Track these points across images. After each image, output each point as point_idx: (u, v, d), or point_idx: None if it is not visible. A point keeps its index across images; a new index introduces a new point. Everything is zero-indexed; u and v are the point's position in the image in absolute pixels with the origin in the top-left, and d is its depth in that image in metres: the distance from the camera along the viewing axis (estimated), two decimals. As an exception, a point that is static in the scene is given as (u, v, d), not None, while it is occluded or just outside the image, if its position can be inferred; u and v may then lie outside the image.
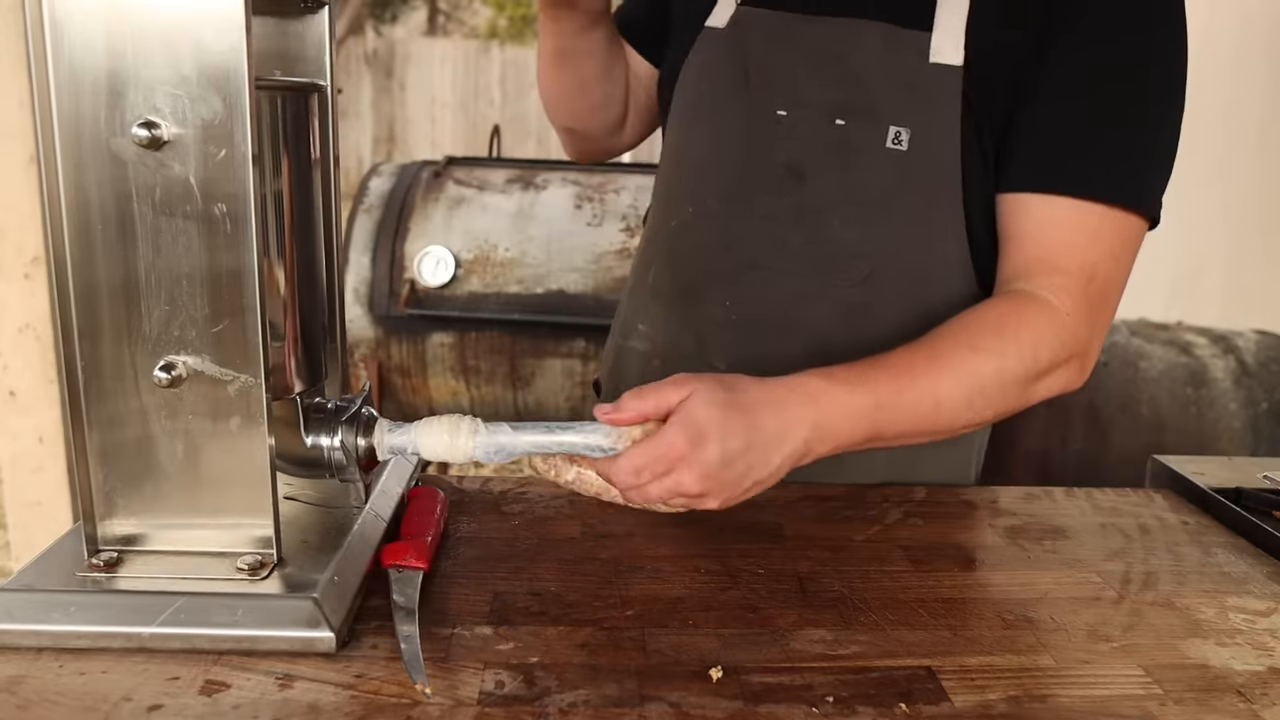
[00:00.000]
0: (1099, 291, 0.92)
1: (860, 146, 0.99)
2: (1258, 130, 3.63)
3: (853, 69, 0.99)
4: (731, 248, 1.06)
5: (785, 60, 1.02)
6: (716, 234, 1.07)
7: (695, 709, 0.65)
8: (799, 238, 1.03)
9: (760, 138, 1.03)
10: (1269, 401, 2.56)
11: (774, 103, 1.02)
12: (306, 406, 0.80)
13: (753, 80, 1.03)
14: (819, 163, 1.01)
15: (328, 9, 0.80)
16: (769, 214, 1.04)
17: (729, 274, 1.06)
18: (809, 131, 1.01)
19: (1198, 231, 3.70)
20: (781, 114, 1.02)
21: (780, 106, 1.02)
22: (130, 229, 0.68)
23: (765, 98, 1.03)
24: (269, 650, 0.69)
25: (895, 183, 0.98)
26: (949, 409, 0.86)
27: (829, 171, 1.01)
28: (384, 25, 11.61)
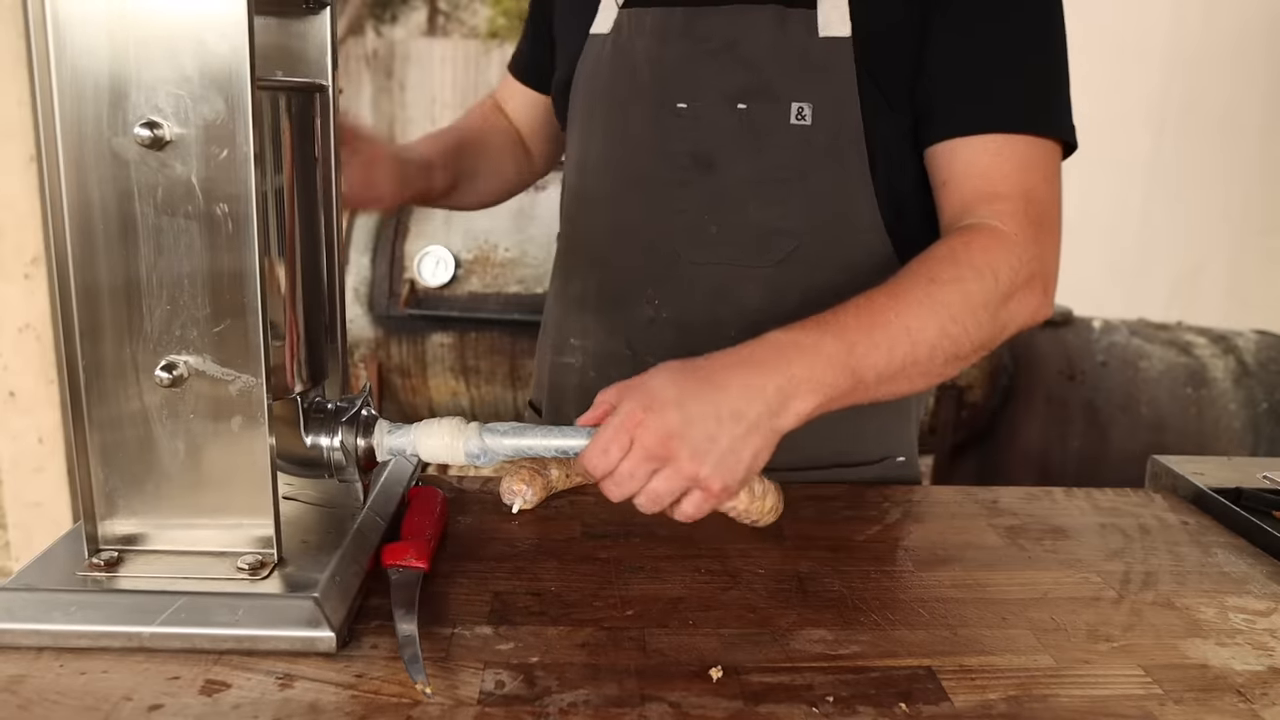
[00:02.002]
0: (1039, 212, 0.93)
1: (765, 127, 1.01)
2: (1258, 131, 3.63)
3: (747, 53, 1.01)
4: (650, 247, 1.07)
5: (677, 54, 1.03)
6: (632, 235, 1.08)
7: (695, 709, 0.65)
8: (715, 225, 1.04)
9: (662, 133, 1.04)
10: (1269, 401, 2.56)
11: (672, 97, 1.03)
12: (307, 407, 0.80)
13: (647, 78, 1.04)
14: (726, 149, 1.03)
15: (329, 9, 0.80)
16: (682, 207, 1.05)
17: (652, 273, 1.07)
18: (712, 120, 1.02)
19: (1198, 231, 3.70)
20: (681, 107, 1.03)
21: (679, 100, 1.03)
22: (132, 229, 0.68)
23: (662, 93, 1.04)
24: (269, 650, 0.69)
25: (804, 157, 1.01)
26: (924, 341, 0.84)
27: (737, 156, 1.02)
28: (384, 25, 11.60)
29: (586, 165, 1.11)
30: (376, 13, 11.00)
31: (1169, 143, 3.62)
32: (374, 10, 10.59)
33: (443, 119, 9.91)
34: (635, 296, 1.08)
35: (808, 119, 0.99)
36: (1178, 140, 3.62)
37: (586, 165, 1.11)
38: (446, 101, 9.92)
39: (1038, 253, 0.92)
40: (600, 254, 1.11)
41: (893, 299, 0.85)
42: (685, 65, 1.03)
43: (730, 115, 1.01)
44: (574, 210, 1.15)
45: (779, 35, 0.99)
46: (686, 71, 1.03)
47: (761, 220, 1.03)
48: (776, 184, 1.02)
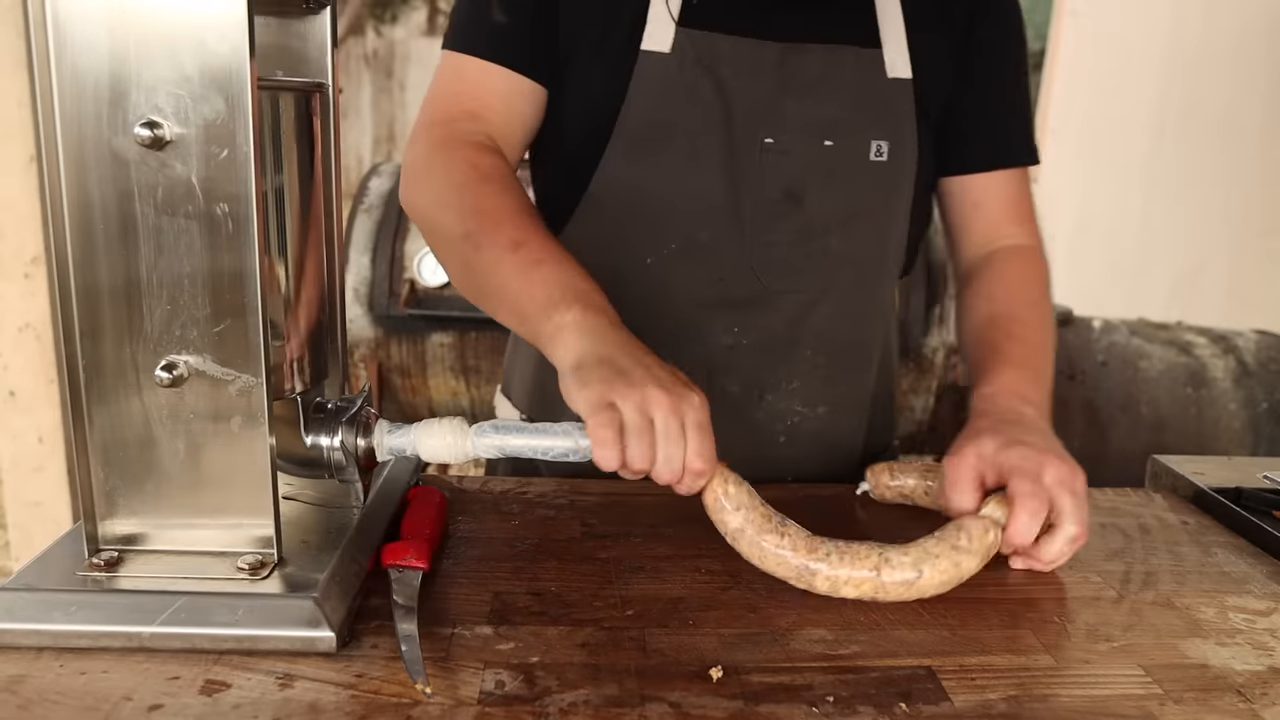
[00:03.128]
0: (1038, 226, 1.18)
1: (848, 163, 1.06)
2: (1258, 132, 3.63)
3: (834, 91, 1.05)
4: (730, 277, 1.07)
5: (765, 88, 1.03)
6: (710, 266, 1.07)
7: (695, 709, 0.65)
8: (800, 257, 1.07)
9: (750, 167, 1.04)
10: (1269, 401, 2.56)
11: (759, 130, 1.04)
12: (307, 406, 0.80)
13: (734, 112, 1.03)
14: (815, 184, 1.06)
15: (329, 9, 0.80)
16: (769, 240, 1.06)
17: (732, 302, 1.08)
18: (802, 155, 1.05)
19: (1198, 231, 3.70)
20: (769, 141, 1.04)
21: (766, 134, 1.04)
22: (132, 229, 0.68)
23: (750, 127, 1.03)
24: (269, 650, 0.69)
25: (878, 191, 1.08)
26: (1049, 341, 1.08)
27: (824, 190, 1.06)
28: (384, 25, 11.61)
29: (640, 194, 1.05)
30: (376, 13, 10.99)
31: (1169, 144, 3.62)
32: (374, 10, 10.59)
33: (443, 119, 9.90)
34: (714, 324, 1.09)
35: (884, 156, 1.07)
36: (1177, 141, 3.62)
37: (640, 194, 1.05)
38: (446, 101, 9.91)
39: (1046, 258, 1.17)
40: (662, 285, 1.07)
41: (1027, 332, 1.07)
42: (773, 98, 1.03)
43: (818, 151, 1.05)
44: (618, 236, 1.08)
45: (858, 75, 1.05)
46: (775, 105, 1.04)
47: (842, 250, 1.09)
48: (855, 216, 1.08)
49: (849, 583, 0.79)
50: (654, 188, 1.05)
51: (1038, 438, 0.90)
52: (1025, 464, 0.86)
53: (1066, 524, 0.84)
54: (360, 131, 9.71)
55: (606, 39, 1.03)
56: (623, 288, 1.05)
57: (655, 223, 1.07)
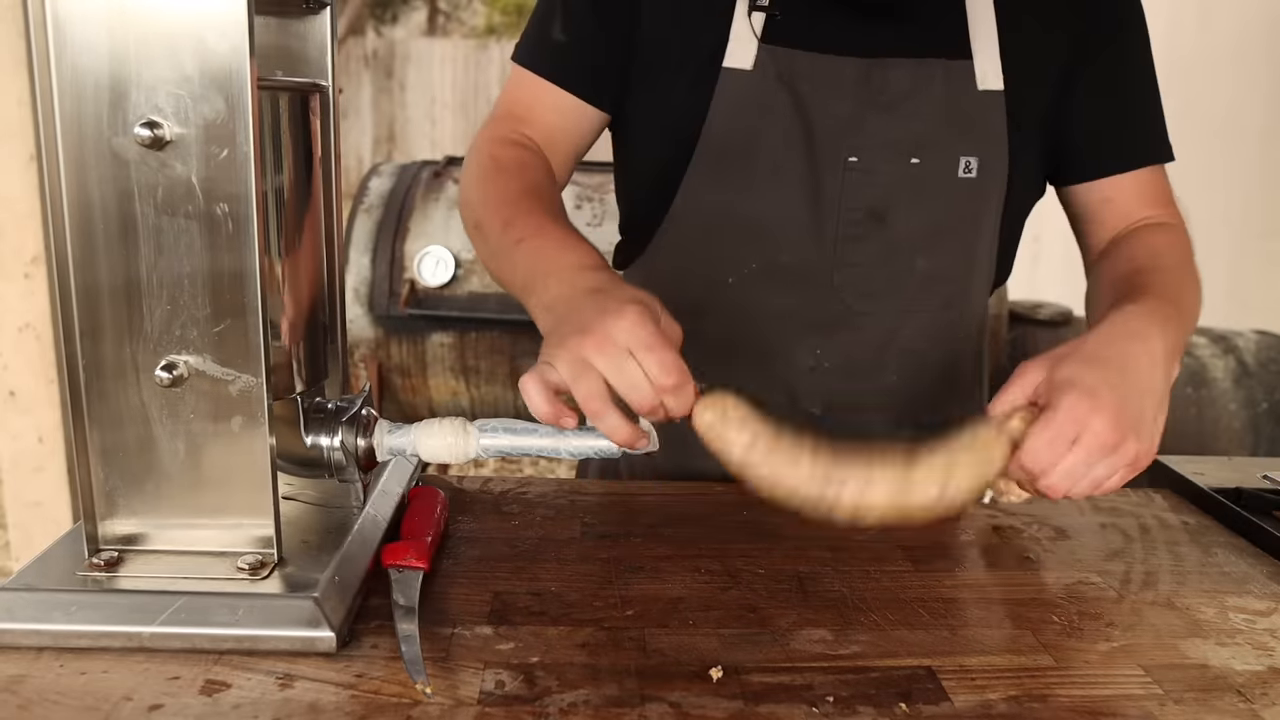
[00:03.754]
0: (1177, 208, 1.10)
1: (936, 180, 1.03)
2: (1258, 132, 3.63)
3: (920, 107, 1.01)
4: (813, 300, 1.05)
5: (847, 105, 1.01)
6: (794, 287, 1.05)
7: (695, 709, 0.65)
8: (884, 276, 1.05)
9: (833, 186, 1.02)
10: (1269, 401, 2.56)
11: (842, 149, 1.01)
12: (306, 406, 0.80)
13: (815, 129, 1.01)
14: (900, 202, 1.03)
15: (329, 9, 0.80)
16: (853, 260, 1.04)
17: (816, 325, 1.06)
18: (887, 173, 1.02)
19: (1198, 232, 3.69)
20: (853, 160, 1.02)
21: (849, 152, 1.02)
22: (132, 229, 0.68)
23: (833, 144, 1.01)
24: (269, 650, 0.69)
25: (968, 208, 1.05)
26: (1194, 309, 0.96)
27: (910, 209, 1.03)
28: (384, 25, 11.61)
29: (724, 213, 1.05)
30: (376, 13, 11.00)
31: (1168, 143, 3.62)
32: (374, 10, 10.59)
33: (442, 119, 9.92)
34: (796, 346, 1.07)
35: (974, 172, 1.03)
36: (1177, 142, 3.61)
37: (724, 213, 1.05)
38: (446, 102, 9.93)
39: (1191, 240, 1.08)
40: (742, 305, 1.06)
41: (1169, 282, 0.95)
42: (856, 116, 1.01)
43: (904, 169, 1.02)
44: (700, 256, 1.07)
45: (946, 89, 1.01)
46: (857, 122, 1.01)
47: (928, 268, 1.06)
48: (943, 234, 1.05)
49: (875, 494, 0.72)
50: (735, 207, 1.04)
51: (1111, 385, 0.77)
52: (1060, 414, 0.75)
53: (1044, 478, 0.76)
54: (360, 131, 9.72)
55: (688, 58, 1.02)
56: (705, 307, 1.06)
57: (736, 242, 1.05)
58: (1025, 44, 1.02)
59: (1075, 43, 1.04)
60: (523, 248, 0.90)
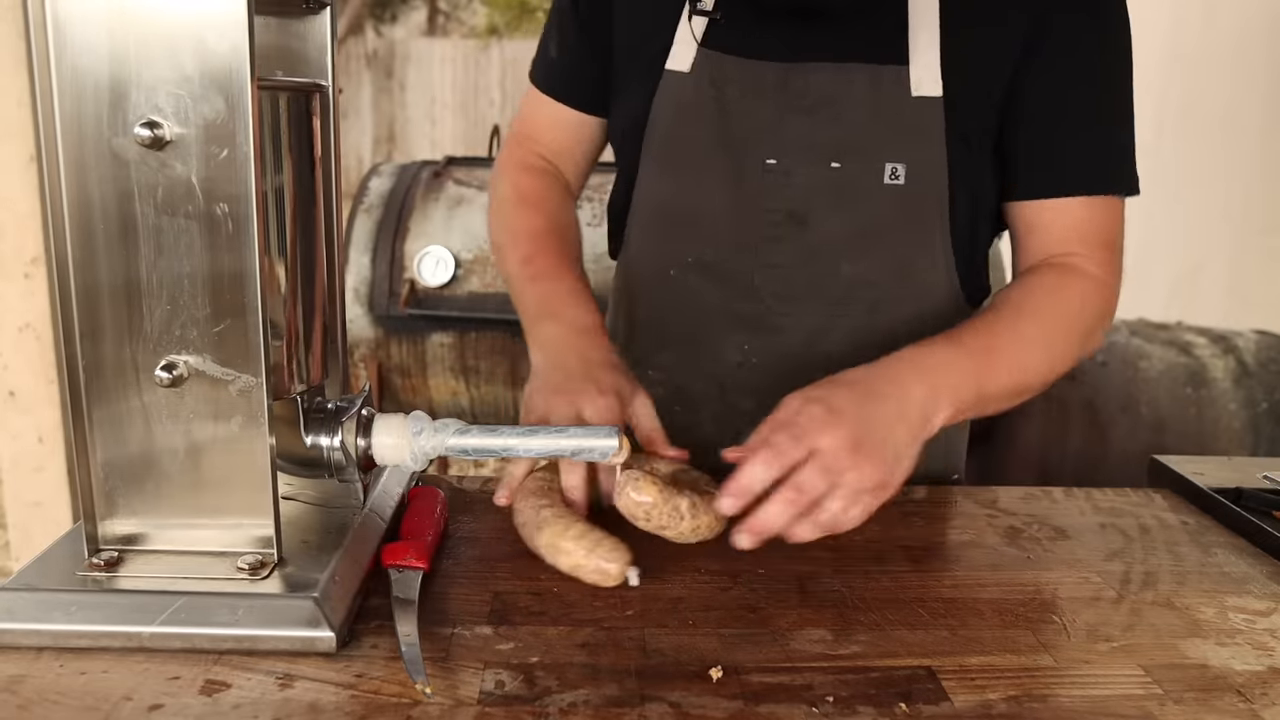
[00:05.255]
0: (1117, 256, 1.02)
1: (859, 186, 1.02)
2: (1258, 131, 3.62)
3: (842, 112, 1.01)
4: (738, 298, 1.08)
5: (768, 110, 1.03)
6: (719, 285, 1.08)
7: (695, 709, 0.65)
8: (805, 279, 1.06)
9: (753, 187, 1.04)
10: (1269, 401, 2.56)
11: (762, 151, 1.03)
12: (306, 406, 0.80)
13: (736, 131, 1.03)
14: (820, 206, 1.04)
15: (329, 9, 0.80)
16: (774, 261, 1.06)
17: (741, 322, 1.09)
18: (806, 177, 1.03)
19: (1198, 231, 3.70)
20: (771, 162, 1.03)
21: (769, 155, 1.03)
22: (132, 229, 0.68)
23: (752, 147, 1.03)
24: (269, 650, 0.69)
25: (894, 214, 1.04)
26: (1032, 368, 0.94)
27: (831, 213, 1.04)
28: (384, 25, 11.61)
29: (668, 208, 1.09)
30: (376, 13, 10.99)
31: (1169, 143, 3.62)
32: (374, 10, 10.59)
33: (442, 119, 9.91)
34: (724, 342, 1.09)
35: (901, 179, 1.01)
36: (1177, 140, 3.62)
37: (668, 208, 1.09)
38: (446, 102, 9.93)
39: (1114, 296, 1.03)
40: (684, 298, 1.10)
41: (1010, 329, 0.94)
42: (776, 120, 1.02)
43: (824, 173, 1.03)
44: (651, 248, 1.13)
45: (873, 94, 1.00)
46: (777, 126, 1.02)
47: (851, 273, 1.06)
48: (867, 238, 1.05)
49: None
50: (674, 202, 1.09)
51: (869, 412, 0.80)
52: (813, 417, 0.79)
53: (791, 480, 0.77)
54: (360, 131, 9.72)
55: (642, 62, 1.07)
56: (653, 296, 1.14)
57: (676, 236, 1.10)
58: (973, 52, 0.99)
59: (1024, 51, 0.99)
60: (536, 286, 1.05)
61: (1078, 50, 0.99)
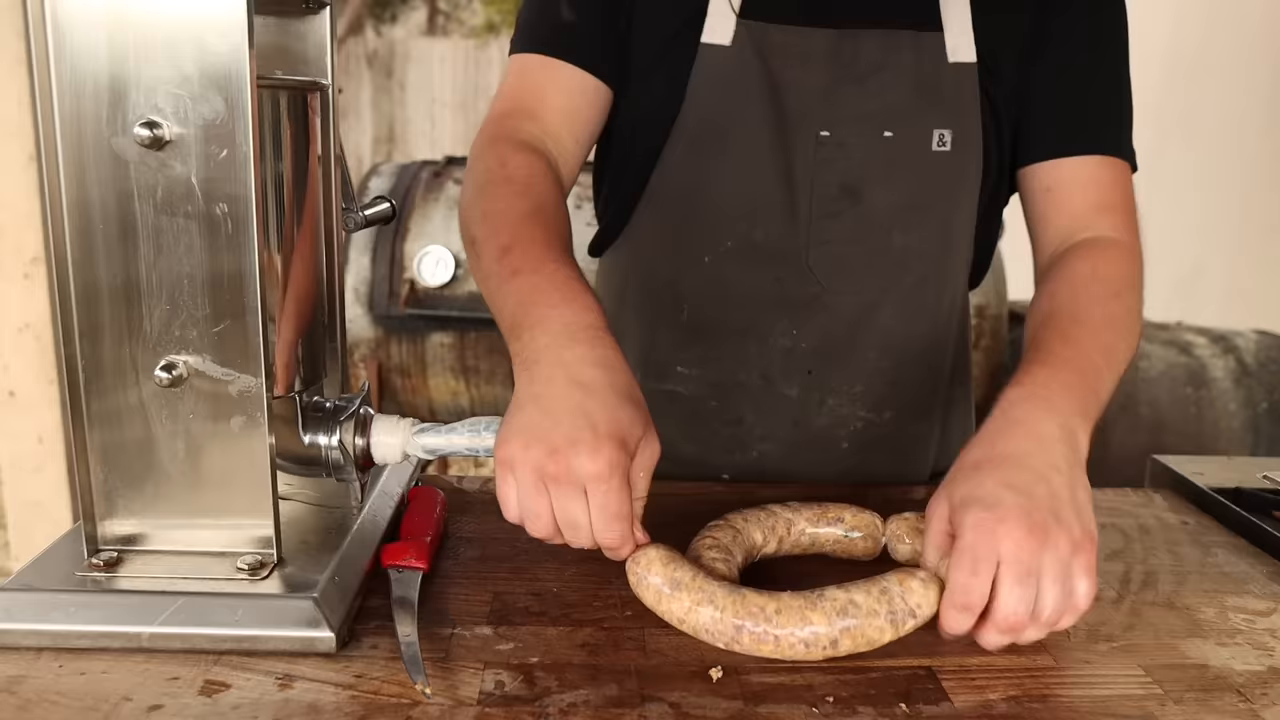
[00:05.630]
0: (1138, 224, 1.02)
1: (909, 154, 1.01)
2: (1258, 132, 3.62)
3: (892, 79, 0.99)
4: (789, 278, 1.04)
5: (820, 79, 0.99)
6: (768, 266, 1.04)
7: (695, 709, 0.65)
8: (859, 254, 1.04)
9: (805, 162, 1.01)
10: (1269, 401, 2.56)
11: (813, 124, 1.00)
12: (305, 405, 0.80)
13: (784, 103, 1.00)
14: (874, 177, 1.01)
15: (329, 9, 0.80)
16: (827, 238, 1.03)
17: (790, 304, 1.05)
18: (860, 148, 1.00)
19: (1198, 231, 3.70)
20: (824, 134, 1.00)
21: (822, 127, 1.00)
22: (131, 229, 0.68)
23: (803, 120, 1.00)
24: (269, 650, 0.69)
25: (942, 182, 1.02)
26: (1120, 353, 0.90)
27: (884, 184, 1.02)
28: (384, 25, 11.60)
29: (706, 189, 1.04)
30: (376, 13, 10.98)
31: (1169, 144, 3.62)
32: (374, 10, 10.58)
33: (442, 119, 9.91)
34: (770, 327, 1.05)
35: (948, 145, 1.01)
36: (1178, 141, 3.62)
37: (706, 189, 1.04)
38: (446, 101, 9.92)
39: (1140, 256, 1.00)
40: (719, 284, 1.05)
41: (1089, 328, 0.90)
42: (827, 90, 0.99)
43: (876, 143, 1.01)
44: (671, 235, 1.07)
45: (916, 60, 0.99)
46: (828, 97, 1.00)
47: (904, 245, 1.04)
48: (917, 209, 1.03)
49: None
50: (710, 185, 1.03)
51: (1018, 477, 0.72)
52: (968, 535, 0.69)
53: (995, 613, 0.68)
54: (360, 131, 9.71)
55: (669, 34, 1.01)
56: (681, 287, 1.07)
57: (712, 221, 1.04)
58: (997, 17, 1.00)
59: (1039, 17, 1.01)
60: (517, 283, 0.82)
61: (1089, 20, 1.02)
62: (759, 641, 0.70)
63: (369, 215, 0.88)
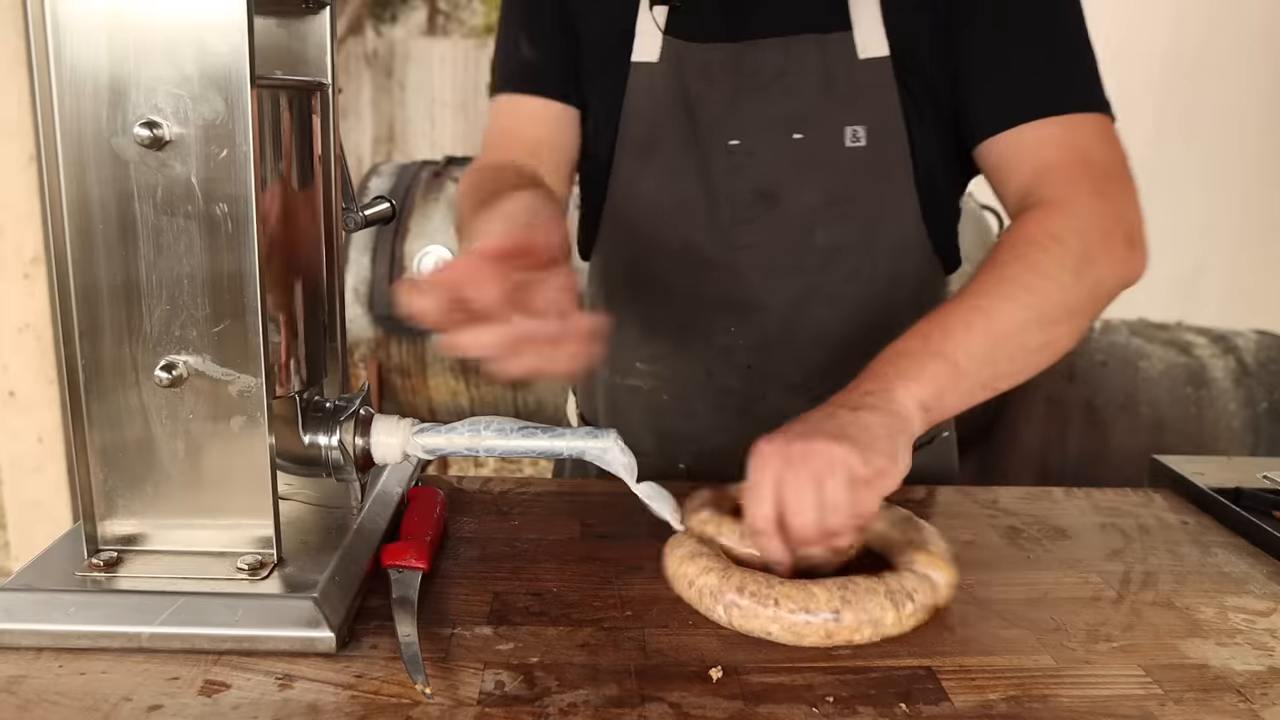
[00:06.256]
0: (1100, 172, 0.94)
1: (822, 154, 1.03)
2: (1258, 132, 3.62)
3: (795, 84, 1.02)
4: (720, 281, 1.08)
5: (724, 90, 1.03)
6: (699, 270, 1.08)
7: (695, 709, 0.65)
8: (783, 254, 1.06)
9: (719, 171, 1.04)
10: (1269, 401, 2.56)
11: (723, 134, 1.04)
12: (305, 405, 0.80)
13: (698, 116, 1.04)
14: (787, 180, 1.04)
15: (329, 9, 0.80)
16: (748, 241, 1.06)
17: (725, 304, 1.09)
18: (770, 153, 1.03)
19: (1198, 231, 3.70)
20: (734, 143, 1.04)
21: (731, 137, 1.04)
22: (131, 229, 0.68)
23: (713, 130, 1.04)
24: (269, 650, 0.69)
25: (861, 177, 1.04)
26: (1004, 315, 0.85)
27: (799, 185, 1.04)
28: (384, 25, 11.60)
29: (639, 199, 1.09)
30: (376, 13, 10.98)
31: (1169, 143, 3.62)
32: (374, 10, 10.58)
33: (442, 119, 9.91)
34: (710, 326, 1.09)
35: (862, 140, 1.02)
36: (1178, 140, 3.62)
37: (639, 199, 1.09)
38: (446, 101, 9.92)
39: (1106, 208, 0.91)
40: (666, 287, 1.10)
41: (965, 292, 0.87)
42: (733, 100, 1.03)
43: (786, 146, 1.03)
44: (627, 239, 1.13)
45: (822, 62, 1.01)
46: (735, 106, 1.03)
47: (826, 242, 1.06)
48: (838, 205, 1.05)
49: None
50: (649, 194, 1.09)
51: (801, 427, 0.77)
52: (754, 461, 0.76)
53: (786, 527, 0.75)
54: (360, 131, 9.71)
55: (607, 54, 1.07)
56: (637, 290, 1.14)
57: (654, 228, 1.10)
58: (910, 7, 0.99)
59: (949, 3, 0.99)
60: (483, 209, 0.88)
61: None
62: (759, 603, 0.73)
63: (369, 215, 0.89)
